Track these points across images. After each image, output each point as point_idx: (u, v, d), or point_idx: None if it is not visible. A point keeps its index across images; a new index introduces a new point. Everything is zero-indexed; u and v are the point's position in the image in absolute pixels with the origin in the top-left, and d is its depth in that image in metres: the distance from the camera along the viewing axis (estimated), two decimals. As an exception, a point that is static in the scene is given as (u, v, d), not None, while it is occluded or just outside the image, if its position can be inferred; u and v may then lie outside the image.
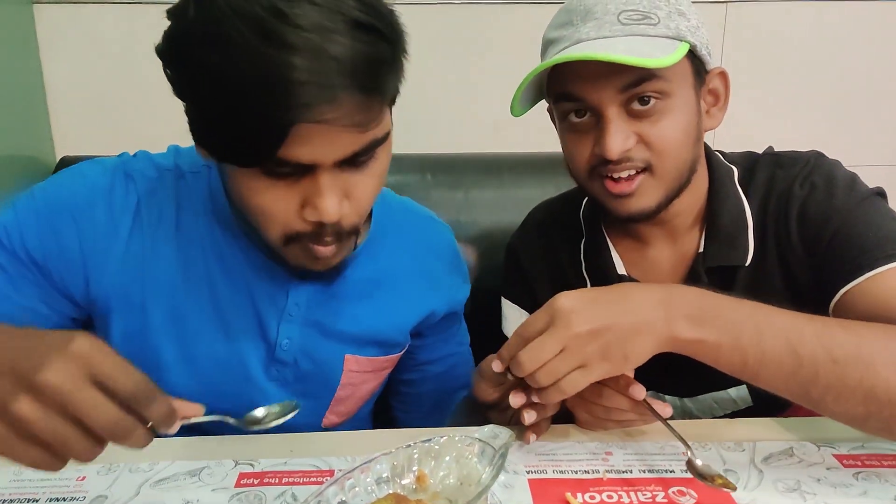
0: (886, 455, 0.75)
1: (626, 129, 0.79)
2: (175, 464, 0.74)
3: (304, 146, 0.63)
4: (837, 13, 1.58)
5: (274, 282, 0.83)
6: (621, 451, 0.76)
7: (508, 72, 1.54)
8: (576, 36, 0.79)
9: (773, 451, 0.76)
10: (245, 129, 0.62)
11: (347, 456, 0.75)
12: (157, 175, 0.81)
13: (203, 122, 0.66)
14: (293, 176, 0.67)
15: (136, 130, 1.47)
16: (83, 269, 0.77)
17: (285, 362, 0.85)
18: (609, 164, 0.79)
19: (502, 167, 1.35)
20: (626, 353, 0.68)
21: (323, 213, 0.67)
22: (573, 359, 0.67)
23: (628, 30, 0.77)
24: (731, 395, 0.91)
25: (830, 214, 0.80)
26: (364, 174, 0.70)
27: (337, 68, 0.60)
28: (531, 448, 0.77)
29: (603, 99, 0.78)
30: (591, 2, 0.80)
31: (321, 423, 0.91)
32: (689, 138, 0.82)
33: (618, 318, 0.68)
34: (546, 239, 0.99)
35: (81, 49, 1.44)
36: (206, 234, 0.81)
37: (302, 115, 0.60)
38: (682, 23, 0.79)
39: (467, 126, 1.56)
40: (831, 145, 1.66)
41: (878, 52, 1.61)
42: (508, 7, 1.50)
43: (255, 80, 0.59)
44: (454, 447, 0.67)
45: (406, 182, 1.29)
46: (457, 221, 1.26)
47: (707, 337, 0.68)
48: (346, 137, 0.65)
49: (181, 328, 0.81)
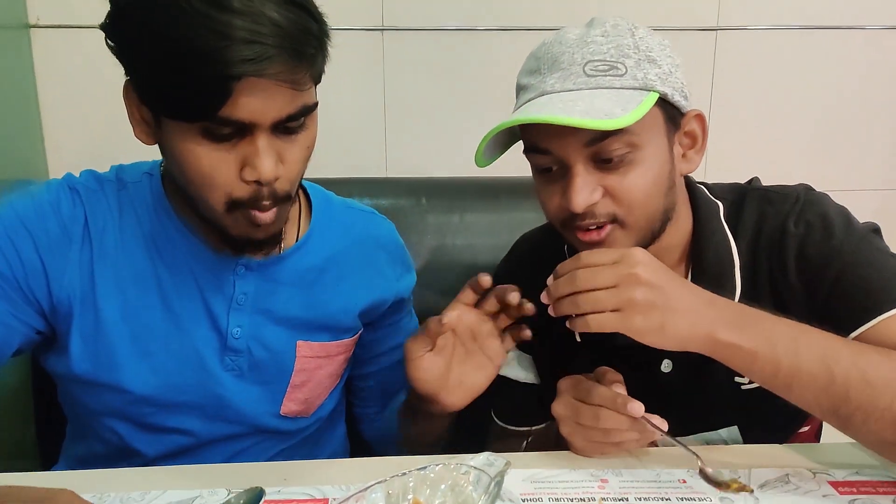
0: (882, 482, 0.75)
1: (593, 182, 0.77)
2: (167, 493, 0.74)
3: (244, 105, 0.70)
4: (826, 40, 1.61)
5: (220, 272, 0.87)
6: (617, 478, 0.76)
7: (503, 96, 1.57)
8: (542, 87, 0.78)
9: (769, 477, 0.76)
10: (192, 87, 0.69)
11: (342, 484, 0.74)
12: (99, 187, 0.87)
13: (151, 83, 0.73)
14: (232, 139, 0.73)
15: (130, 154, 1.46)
16: (45, 278, 0.82)
17: (238, 350, 0.88)
18: (577, 217, 0.78)
19: (497, 191, 1.35)
20: (663, 323, 0.70)
21: (261, 172, 0.73)
22: (619, 297, 0.70)
23: (594, 82, 0.76)
24: (721, 435, 0.90)
25: (831, 256, 0.79)
26: (295, 143, 0.77)
27: (275, 31, 0.69)
28: (527, 476, 0.77)
29: (569, 153, 0.77)
30: (557, 50, 0.79)
31: (279, 410, 0.92)
32: (658, 188, 0.79)
33: (675, 292, 0.71)
34: (530, 270, 0.94)
35: (77, 73, 1.44)
36: (149, 233, 0.86)
37: (245, 69, 0.68)
38: (652, 71, 0.77)
39: (462, 150, 1.57)
40: (819, 170, 1.69)
41: (865, 78, 1.64)
42: (504, 33, 1.52)
43: (201, 41, 0.67)
44: (449, 475, 0.67)
45: (400, 206, 1.29)
46: (452, 245, 1.27)
47: (744, 343, 0.70)
48: (281, 99, 0.72)
49: (134, 325, 0.85)
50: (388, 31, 1.50)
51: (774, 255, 0.83)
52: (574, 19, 1.49)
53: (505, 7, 1.51)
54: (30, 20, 1.42)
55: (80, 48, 1.43)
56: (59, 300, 0.83)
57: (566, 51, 0.78)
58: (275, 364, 0.90)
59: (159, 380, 0.85)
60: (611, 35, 0.78)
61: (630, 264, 0.71)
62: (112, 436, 0.88)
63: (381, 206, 1.21)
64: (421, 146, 1.56)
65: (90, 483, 0.76)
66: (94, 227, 0.84)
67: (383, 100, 1.53)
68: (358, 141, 1.56)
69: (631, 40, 0.78)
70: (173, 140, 0.75)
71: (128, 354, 0.84)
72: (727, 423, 0.89)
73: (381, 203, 1.28)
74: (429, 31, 1.51)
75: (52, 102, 1.46)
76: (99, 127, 1.47)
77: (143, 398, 0.85)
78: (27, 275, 0.81)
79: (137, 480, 0.77)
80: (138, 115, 0.78)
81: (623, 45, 0.78)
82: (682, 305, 0.70)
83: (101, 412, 0.88)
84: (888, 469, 0.77)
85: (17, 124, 1.40)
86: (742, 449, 0.83)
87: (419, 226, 1.20)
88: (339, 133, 1.50)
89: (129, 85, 0.77)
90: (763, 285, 0.84)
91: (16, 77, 1.40)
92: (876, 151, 1.68)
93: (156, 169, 0.89)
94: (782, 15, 1.58)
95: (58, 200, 0.84)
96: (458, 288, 1.26)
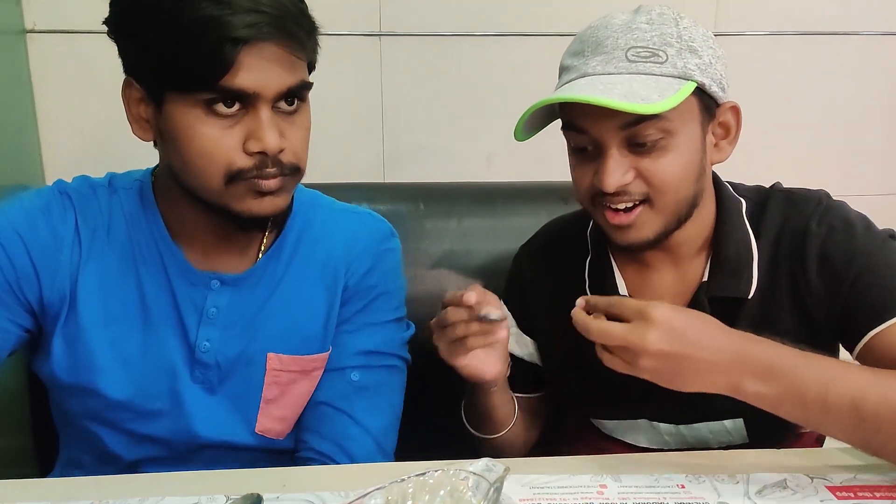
0: (879, 486, 0.75)
1: (626, 163, 0.80)
2: (166, 499, 0.73)
3: (248, 72, 0.73)
4: (823, 46, 1.61)
5: (195, 285, 0.87)
6: (616, 483, 0.76)
7: (501, 101, 1.57)
8: (583, 69, 0.81)
9: (768, 482, 0.76)
10: (197, 55, 0.71)
11: (341, 490, 0.74)
12: (92, 191, 0.88)
13: (155, 59, 0.75)
14: (235, 114, 0.75)
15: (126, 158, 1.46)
16: (37, 280, 0.83)
17: (207, 364, 0.88)
18: (607, 195, 0.81)
19: (495, 196, 1.35)
20: (672, 381, 0.73)
21: (266, 142, 0.75)
22: (625, 357, 0.73)
23: (634, 67, 0.78)
24: (726, 426, 0.91)
25: (853, 255, 0.82)
26: (294, 124, 0.79)
27: (271, 3, 0.73)
28: (526, 482, 0.76)
29: (604, 134, 0.80)
30: (602, 34, 0.81)
31: (255, 428, 0.91)
32: (689, 175, 0.82)
33: (691, 350, 0.71)
34: (552, 254, 1.01)
35: (74, 79, 1.44)
36: (135, 240, 0.86)
37: (248, 33, 0.71)
38: (692, 61, 0.80)
39: (460, 155, 1.58)
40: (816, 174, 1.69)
41: (862, 84, 1.65)
42: (501, 38, 1.53)
43: (205, 10, 0.71)
44: (448, 481, 0.67)
45: (398, 211, 1.29)
46: (450, 250, 1.26)
47: (771, 393, 0.72)
48: (281, 68, 0.75)
49: (113, 331, 0.85)
50: (385, 36, 1.50)
51: (796, 254, 0.85)
52: (572, 24, 1.51)
53: (503, 13, 1.51)
54: (26, 25, 1.41)
55: (76, 53, 1.43)
56: (50, 302, 0.84)
57: (611, 35, 0.80)
58: (245, 379, 0.89)
59: (135, 387, 0.86)
60: (655, 23, 0.80)
61: (640, 335, 0.71)
62: (94, 439, 0.89)
63: (378, 211, 1.20)
64: (419, 151, 1.56)
65: (87, 490, 0.76)
66: (84, 231, 0.85)
67: (381, 105, 1.53)
68: (356, 146, 1.56)
69: (674, 29, 0.80)
70: (175, 121, 0.76)
71: (106, 359, 0.85)
72: (733, 414, 0.90)
73: (379, 208, 1.26)
74: (426, 37, 1.51)
75: (49, 107, 1.46)
76: (95, 132, 1.47)
77: (119, 403, 0.86)
78: (20, 278, 0.83)
79: (135, 487, 0.76)
80: (136, 112, 0.80)
81: (666, 34, 0.80)
82: (699, 368, 0.72)
83: (82, 415, 0.88)
84: (885, 473, 0.77)
85: (14, 129, 1.39)
86: (740, 454, 0.83)
87: (417, 231, 1.20)
88: (337, 138, 1.49)
89: (128, 82, 0.80)
90: (782, 283, 0.86)
91: (12, 82, 1.39)
92: (872, 156, 1.69)
93: (147, 176, 0.89)
94: (779, 21, 1.59)
95: (48, 205, 0.85)
96: (455, 292, 1.28)
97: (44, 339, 0.87)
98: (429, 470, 0.67)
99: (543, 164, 1.61)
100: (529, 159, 1.59)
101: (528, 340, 1.02)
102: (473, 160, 1.57)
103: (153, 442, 0.88)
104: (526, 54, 1.53)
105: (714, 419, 0.91)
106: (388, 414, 0.93)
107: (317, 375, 0.93)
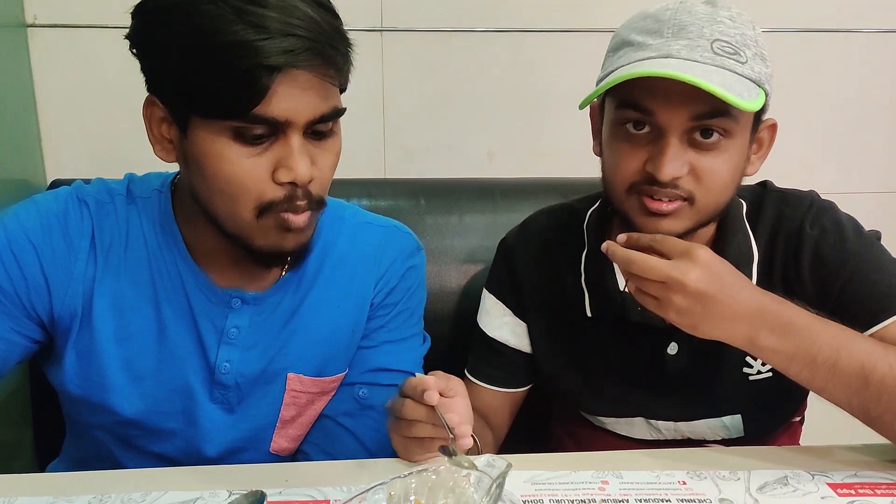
0: (880, 484, 0.75)
1: (683, 156, 0.78)
2: (168, 494, 0.74)
3: (280, 101, 0.69)
4: (825, 43, 1.61)
5: (216, 304, 0.84)
6: (617, 480, 0.76)
7: (503, 99, 1.57)
8: (666, 49, 0.77)
9: (768, 479, 0.76)
10: (229, 81, 0.67)
11: (343, 486, 0.74)
12: (110, 199, 0.84)
13: (183, 83, 0.70)
14: (264, 142, 0.72)
15: (127, 154, 1.45)
16: (48, 293, 0.80)
17: (227, 385, 0.85)
18: (655, 184, 0.79)
19: (495, 192, 1.35)
20: (695, 325, 0.74)
21: (297, 172, 0.72)
22: (661, 293, 0.74)
23: (720, 61, 0.76)
24: (724, 422, 0.92)
25: (846, 258, 0.84)
26: (325, 149, 0.76)
27: (309, 25, 0.69)
28: (528, 478, 0.77)
29: (672, 121, 0.77)
30: (686, 19, 0.78)
31: (269, 448, 0.89)
32: (733, 181, 0.83)
33: (723, 296, 0.73)
34: (545, 245, 0.99)
35: (75, 72, 1.44)
36: (153, 256, 0.83)
37: (282, 60, 0.67)
38: (763, 68, 0.79)
39: (461, 151, 1.57)
40: (817, 172, 1.69)
41: (864, 81, 1.64)
42: (504, 35, 1.52)
43: (238, 34, 0.66)
44: (451, 477, 0.67)
45: (400, 206, 1.29)
46: (451, 246, 1.26)
47: (784, 348, 0.74)
48: (315, 96, 0.71)
49: (127, 348, 0.83)
50: (387, 31, 1.50)
51: (790, 254, 0.87)
52: (573, 21, 1.51)
53: (504, 9, 1.51)
54: (27, 19, 1.41)
55: (77, 47, 1.42)
56: (60, 315, 0.81)
57: (696, 21, 0.78)
58: (264, 399, 0.87)
59: (147, 405, 0.84)
60: (737, 21, 0.79)
61: (683, 270, 0.72)
62: (102, 447, 0.88)
63: (379, 207, 1.21)
64: (420, 147, 1.56)
65: (91, 483, 0.76)
66: (100, 243, 0.82)
67: (382, 100, 1.53)
68: (357, 142, 1.54)
69: (752, 32, 0.80)
70: (201, 147, 0.72)
71: (118, 377, 0.83)
72: (732, 410, 0.91)
73: (380, 204, 1.28)
74: (428, 33, 1.50)
75: (50, 102, 1.45)
76: (96, 126, 1.46)
77: (130, 421, 0.84)
78: (30, 290, 0.79)
79: (138, 481, 0.76)
80: (158, 133, 0.76)
81: (746, 35, 0.79)
82: (725, 314, 0.73)
83: (93, 425, 0.87)
84: (886, 471, 0.77)
85: (14, 124, 1.39)
86: (741, 450, 0.83)
87: (418, 227, 1.19)
88: (338, 133, 1.49)
89: (150, 100, 0.75)
90: (776, 280, 0.88)
91: (13, 76, 1.39)
92: (874, 154, 1.69)
93: (166, 186, 0.85)
94: (781, 18, 1.58)
95: (65, 212, 0.81)
96: (455, 289, 1.28)
97: (56, 350, 0.84)
98: (432, 466, 0.67)
99: (543, 161, 1.62)
100: (529, 156, 1.60)
101: (524, 327, 0.99)
102: (474, 156, 1.57)
103: (163, 459, 0.87)
104: (527, 50, 1.53)
105: (713, 416, 0.92)
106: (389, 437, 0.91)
107: (333, 393, 0.92)
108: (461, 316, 1.23)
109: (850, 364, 0.73)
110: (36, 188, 1.41)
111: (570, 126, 1.52)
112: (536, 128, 1.56)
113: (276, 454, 0.90)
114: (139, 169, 0.91)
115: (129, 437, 0.86)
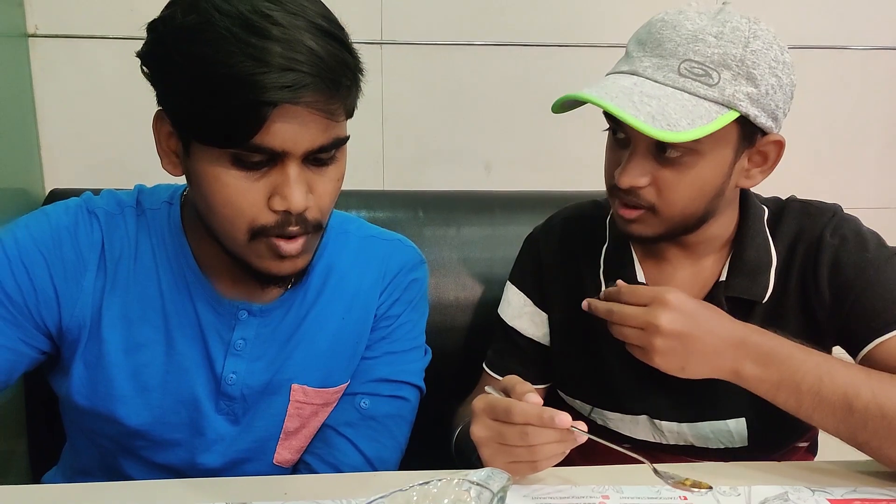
0: (879, 500, 0.75)
1: (647, 167, 0.81)
2: (166, 507, 0.73)
3: (277, 133, 0.69)
4: (818, 59, 1.62)
5: (223, 316, 0.84)
6: (618, 494, 0.76)
7: (501, 112, 1.58)
8: (637, 65, 0.81)
9: (769, 495, 0.76)
10: (227, 112, 0.68)
11: (343, 499, 0.74)
12: (120, 211, 0.85)
13: (185, 108, 0.71)
14: (262, 168, 0.72)
15: (126, 165, 1.46)
16: (57, 304, 0.80)
17: (232, 397, 0.86)
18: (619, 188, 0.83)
19: (493, 205, 1.36)
20: (683, 366, 0.78)
21: (291, 202, 0.72)
22: (642, 340, 0.77)
23: (681, 83, 0.78)
24: (729, 426, 0.92)
25: (864, 266, 0.85)
26: (325, 175, 0.76)
27: (312, 59, 0.68)
28: (528, 492, 0.76)
29: (635, 134, 0.81)
30: (668, 34, 0.79)
31: (272, 459, 0.89)
32: (703, 195, 0.83)
33: (700, 332, 0.76)
34: (568, 237, 1.01)
35: (75, 83, 1.44)
36: (162, 268, 0.84)
37: (281, 96, 0.67)
38: (744, 89, 0.78)
39: (459, 164, 1.58)
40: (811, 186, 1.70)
41: (857, 98, 1.66)
42: (501, 48, 1.53)
43: (239, 66, 0.66)
44: (452, 490, 0.66)
45: (398, 219, 1.29)
46: (449, 258, 1.27)
47: (768, 378, 0.76)
48: (315, 128, 0.71)
49: (135, 359, 0.83)
50: (386, 44, 1.50)
51: (809, 261, 0.88)
52: (571, 35, 1.53)
53: (503, 23, 1.52)
54: (28, 29, 1.41)
55: (78, 58, 1.43)
56: (69, 327, 0.81)
57: (674, 38, 0.79)
58: (269, 410, 0.87)
59: (154, 416, 0.84)
60: (724, 38, 0.78)
61: (655, 315, 0.76)
62: (105, 457, 0.88)
63: (378, 218, 1.21)
64: (418, 159, 1.57)
65: (86, 496, 0.75)
66: (109, 255, 0.82)
67: (381, 112, 1.53)
68: (356, 153, 1.53)
69: (739, 51, 0.78)
70: (201, 167, 0.73)
71: (126, 388, 0.83)
72: (735, 414, 0.91)
73: (379, 216, 1.28)
74: (427, 46, 1.51)
75: (50, 111, 1.45)
76: (96, 136, 1.46)
77: (136, 431, 0.84)
78: (39, 302, 0.80)
79: (134, 494, 0.76)
80: (166, 146, 0.77)
81: (728, 55, 0.78)
82: (707, 350, 0.77)
83: (97, 435, 0.87)
84: (886, 486, 0.77)
85: (14, 133, 1.39)
86: (742, 466, 0.83)
87: (416, 239, 1.19)
88: (337, 145, 1.50)
89: (159, 115, 0.76)
90: (793, 287, 0.89)
91: (13, 86, 1.39)
92: (868, 170, 1.70)
93: (176, 199, 0.86)
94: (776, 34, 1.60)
95: (75, 225, 0.82)
96: (452, 301, 1.28)
97: (62, 361, 0.84)
98: (432, 479, 0.66)
99: (541, 174, 1.62)
100: (527, 168, 1.61)
101: (544, 318, 1.01)
102: (473, 169, 1.58)
103: (167, 470, 0.87)
104: (525, 64, 1.54)
105: (717, 418, 0.92)
106: (390, 448, 0.91)
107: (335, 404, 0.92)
108: (458, 328, 1.24)
109: (833, 391, 0.75)
110: (34, 198, 1.40)
111: (569, 139, 1.54)
112: (535, 141, 1.57)
113: (280, 466, 0.90)
114: (137, 180, 0.91)
115: (134, 447, 0.85)
